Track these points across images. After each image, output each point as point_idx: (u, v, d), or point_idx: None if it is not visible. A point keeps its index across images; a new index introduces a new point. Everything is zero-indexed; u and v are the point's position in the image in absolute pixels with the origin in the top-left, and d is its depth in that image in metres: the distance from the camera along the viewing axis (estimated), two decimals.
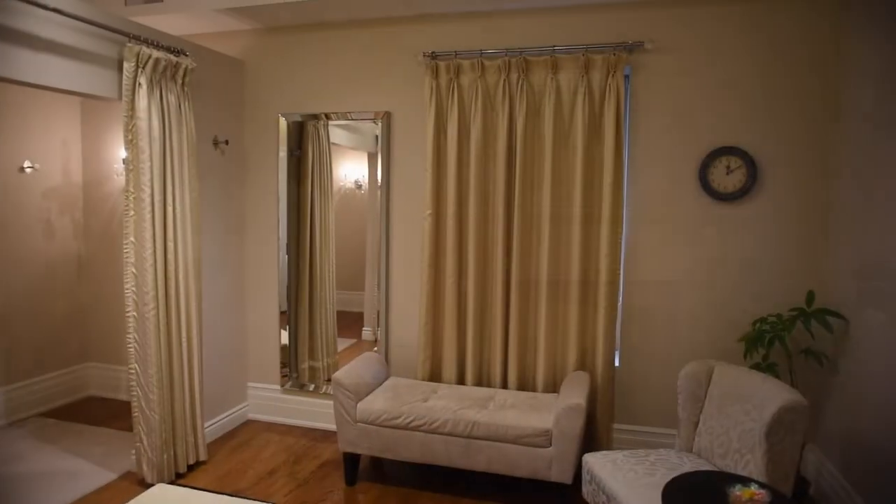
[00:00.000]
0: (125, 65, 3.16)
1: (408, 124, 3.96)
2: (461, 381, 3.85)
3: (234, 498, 2.53)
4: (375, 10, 3.80)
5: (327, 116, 4.14)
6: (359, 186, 4.41)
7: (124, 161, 3.26)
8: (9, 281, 4.25)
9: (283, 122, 4.20)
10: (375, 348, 4.17)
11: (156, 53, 3.24)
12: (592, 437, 3.59)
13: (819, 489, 3.28)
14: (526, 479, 3.17)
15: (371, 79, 4.01)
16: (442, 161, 3.80)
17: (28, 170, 4.30)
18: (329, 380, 4.27)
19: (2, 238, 4.19)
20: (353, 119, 4.11)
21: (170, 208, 3.39)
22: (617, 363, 3.71)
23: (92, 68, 3.11)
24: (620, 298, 3.67)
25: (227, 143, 4.07)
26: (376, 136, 4.06)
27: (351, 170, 4.43)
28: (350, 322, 4.46)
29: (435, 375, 3.90)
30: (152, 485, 3.14)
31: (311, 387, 4.36)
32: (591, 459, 2.87)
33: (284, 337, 4.34)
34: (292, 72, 4.17)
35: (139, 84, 3.19)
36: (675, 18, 3.49)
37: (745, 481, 2.20)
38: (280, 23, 4.08)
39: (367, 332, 4.42)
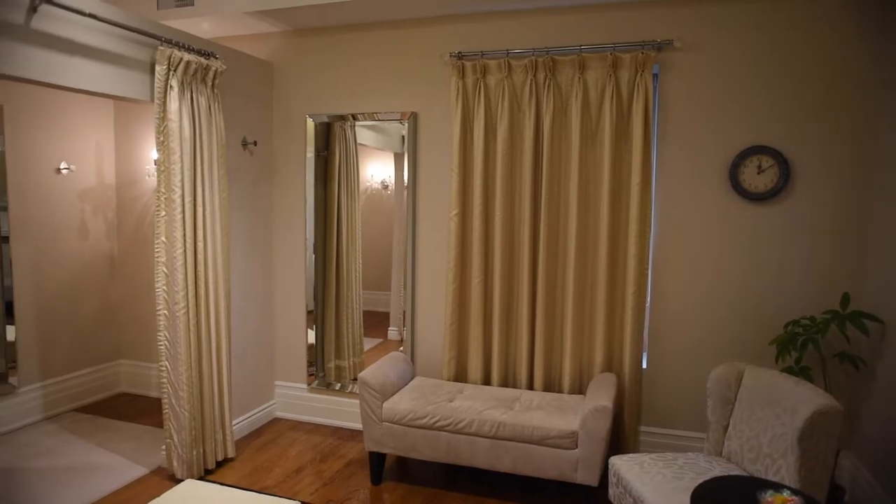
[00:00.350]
0: (157, 68, 3.22)
1: (434, 125, 3.97)
2: (487, 381, 3.85)
3: (261, 495, 2.57)
4: (402, 12, 3.81)
5: (354, 117, 4.16)
6: (385, 187, 4.43)
7: (156, 162, 3.33)
8: (45, 280, 4.36)
9: (310, 123, 4.24)
10: (401, 348, 4.19)
11: (187, 56, 3.30)
12: (619, 440, 3.56)
13: (854, 497, 3.20)
14: (552, 480, 3.15)
15: (397, 79, 4.03)
16: (468, 161, 3.80)
17: (64, 171, 4.41)
18: (355, 379, 4.29)
19: (39, 238, 4.30)
20: (379, 120, 4.13)
21: (200, 209, 3.44)
22: (644, 365, 3.66)
23: (125, 71, 3.18)
24: (648, 299, 3.63)
25: (255, 143, 4.12)
26: (403, 137, 4.07)
27: (377, 170, 4.45)
28: (376, 322, 4.48)
29: (460, 375, 3.89)
30: (182, 480, 3.20)
31: (338, 386, 4.39)
32: (617, 462, 2.84)
33: (311, 336, 4.38)
34: (319, 73, 4.20)
35: (171, 86, 3.24)
36: (705, 16, 3.44)
37: (777, 487, 2.15)
38: (307, 25, 4.12)
39: (393, 332, 4.44)
